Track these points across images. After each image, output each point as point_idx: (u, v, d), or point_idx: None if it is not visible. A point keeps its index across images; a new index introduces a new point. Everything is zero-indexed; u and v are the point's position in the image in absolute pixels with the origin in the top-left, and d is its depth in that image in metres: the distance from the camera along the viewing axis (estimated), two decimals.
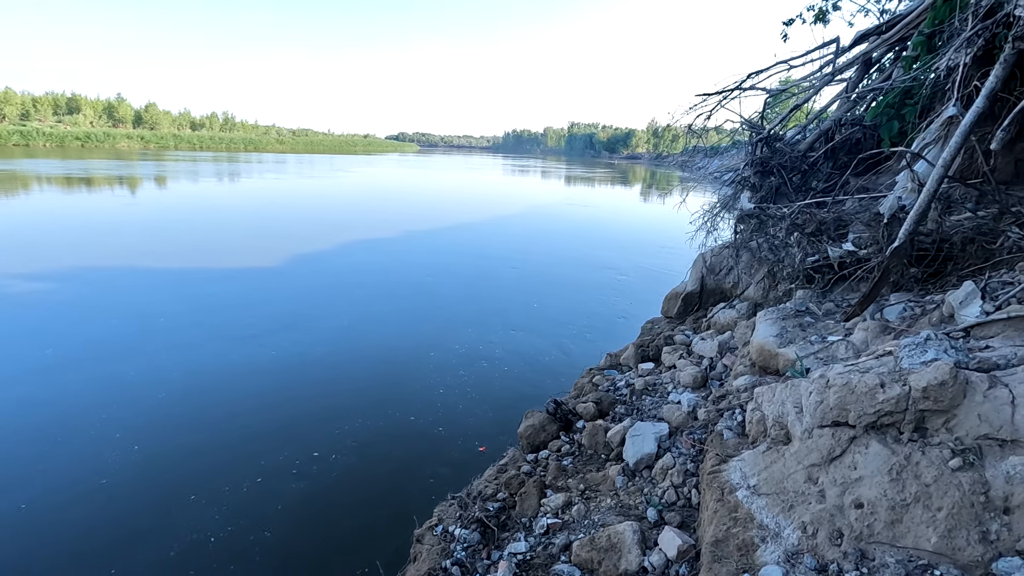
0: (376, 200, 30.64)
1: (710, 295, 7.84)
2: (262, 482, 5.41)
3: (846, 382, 2.57)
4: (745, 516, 2.58)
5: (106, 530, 4.66)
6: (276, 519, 4.94)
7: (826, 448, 2.58)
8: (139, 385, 7.11)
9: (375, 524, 4.95)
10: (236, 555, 4.52)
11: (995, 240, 3.99)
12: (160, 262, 13.37)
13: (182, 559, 4.43)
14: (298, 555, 4.59)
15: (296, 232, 18.44)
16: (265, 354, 8.34)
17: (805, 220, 5.66)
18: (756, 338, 4.69)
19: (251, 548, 4.60)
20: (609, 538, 3.08)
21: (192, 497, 5.12)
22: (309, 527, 4.89)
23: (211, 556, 4.50)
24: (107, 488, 5.15)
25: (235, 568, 4.41)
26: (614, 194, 41.87)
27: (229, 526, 4.81)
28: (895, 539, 2.12)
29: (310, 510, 5.10)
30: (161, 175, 37.90)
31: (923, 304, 4.02)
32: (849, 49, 7.20)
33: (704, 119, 8.68)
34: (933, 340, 2.69)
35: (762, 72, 7.92)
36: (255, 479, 5.44)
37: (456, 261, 15.28)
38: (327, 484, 5.46)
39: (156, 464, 5.55)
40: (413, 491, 5.42)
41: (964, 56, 4.39)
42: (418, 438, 6.39)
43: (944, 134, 4.39)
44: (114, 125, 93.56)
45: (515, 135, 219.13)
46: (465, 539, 3.66)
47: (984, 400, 2.25)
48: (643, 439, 4.06)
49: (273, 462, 5.72)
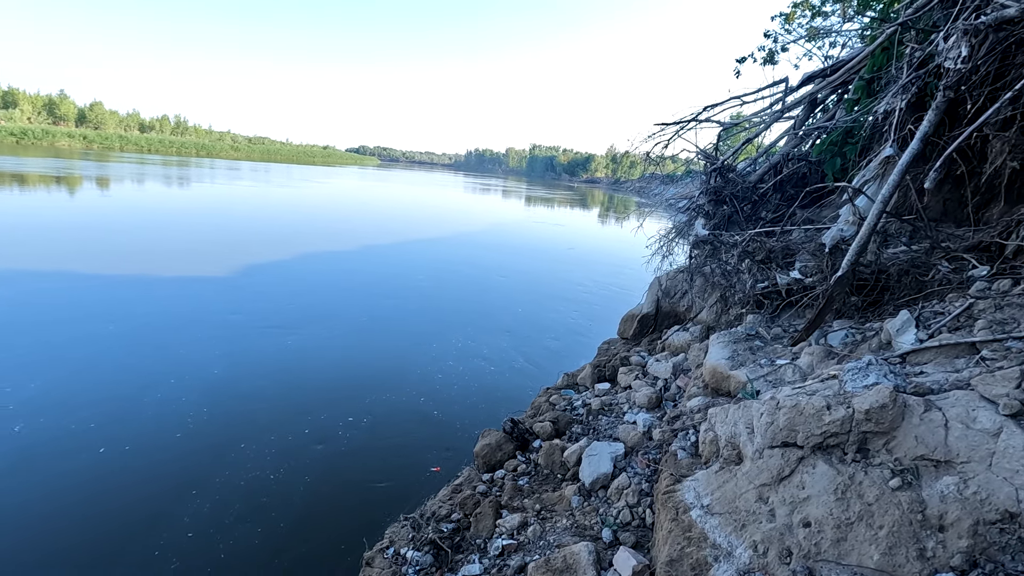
0: (354, 212, 30.42)
1: (665, 317, 8.03)
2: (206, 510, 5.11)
3: (795, 404, 2.67)
4: (699, 535, 2.62)
5: (175, 468, 5.60)
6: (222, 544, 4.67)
7: (776, 468, 2.66)
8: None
9: (322, 547, 4.74)
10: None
11: (927, 272, 4.26)
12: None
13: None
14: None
15: (286, 239, 18.87)
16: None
17: (756, 248, 5.91)
18: (709, 360, 4.83)
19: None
20: (564, 559, 3.06)
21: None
22: (254, 552, 4.63)
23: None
24: (182, 439, 6.12)
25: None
26: (575, 216, 42.61)
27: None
28: (840, 556, 2.19)
29: (257, 531, 4.84)
30: (105, 176, 36.02)
31: (863, 331, 4.24)
32: (797, 89, 7.65)
33: (662, 147, 8.99)
34: (874, 365, 2.83)
35: (717, 106, 8.29)
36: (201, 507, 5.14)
37: (408, 284, 15.07)
38: (276, 503, 5.21)
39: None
40: (363, 512, 5.23)
41: (900, 101, 4.73)
42: (368, 458, 6.20)
43: (882, 172, 4.70)
44: (55, 122, 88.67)
45: (477, 154, 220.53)
46: (418, 562, 3.56)
47: (920, 423, 2.38)
48: (599, 459, 4.08)
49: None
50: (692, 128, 8.81)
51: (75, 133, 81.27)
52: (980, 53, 3.57)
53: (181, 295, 11.23)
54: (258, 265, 14.59)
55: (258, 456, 5.91)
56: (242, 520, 4.93)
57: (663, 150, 9.12)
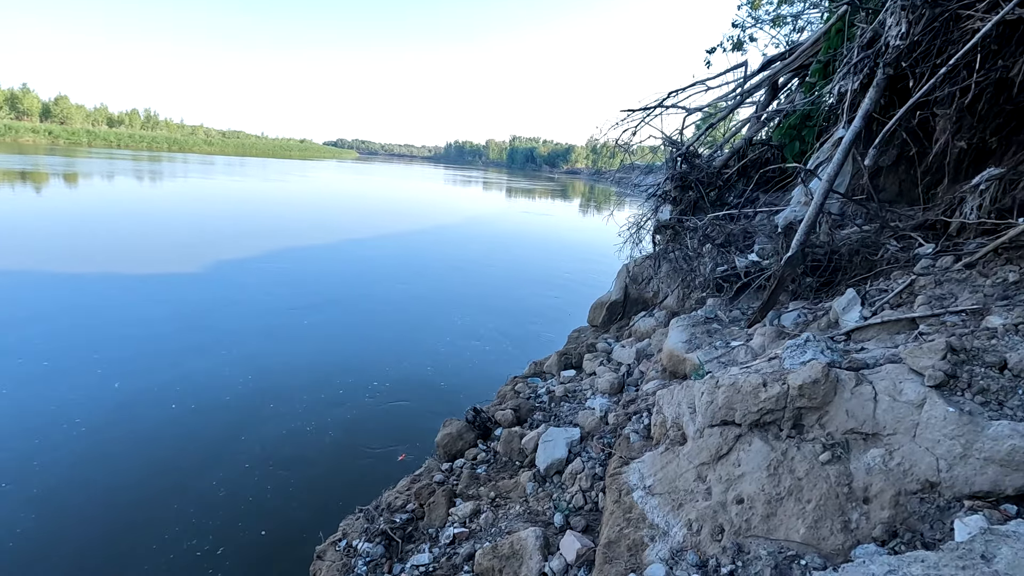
0: (347, 205, 30.64)
1: (633, 304, 8.05)
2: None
3: (733, 382, 2.67)
4: (638, 516, 2.61)
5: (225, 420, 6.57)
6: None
7: (715, 447, 2.65)
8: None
9: (276, 540, 4.67)
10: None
11: (877, 252, 4.31)
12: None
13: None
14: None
15: (290, 231, 19.61)
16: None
17: (716, 232, 5.93)
18: (667, 344, 4.83)
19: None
20: (511, 545, 3.03)
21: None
22: (209, 541, 4.54)
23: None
24: (229, 401, 7.07)
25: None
26: (556, 207, 42.63)
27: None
28: (769, 532, 2.19)
29: (210, 524, 4.75)
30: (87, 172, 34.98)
31: (815, 311, 4.27)
32: (757, 73, 7.67)
33: (630, 134, 8.97)
34: (812, 341, 2.84)
35: (681, 91, 8.29)
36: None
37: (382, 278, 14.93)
38: (221, 514, 5.10)
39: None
40: (319, 505, 5.16)
41: (852, 82, 4.76)
42: (329, 451, 6.12)
43: (834, 154, 4.72)
44: (17, 117, 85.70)
45: (457, 146, 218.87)
46: (368, 553, 3.51)
47: (851, 397, 2.39)
48: (554, 445, 4.06)
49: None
50: (659, 114, 8.79)
51: (40, 128, 78.80)
52: (918, 29, 3.59)
53: (212, 282, 12.21)
54: (274, 253, 15.43)
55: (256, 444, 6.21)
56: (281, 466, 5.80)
57: (631, 137, 9.10)
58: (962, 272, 3.37)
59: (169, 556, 4.47)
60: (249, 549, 4.58)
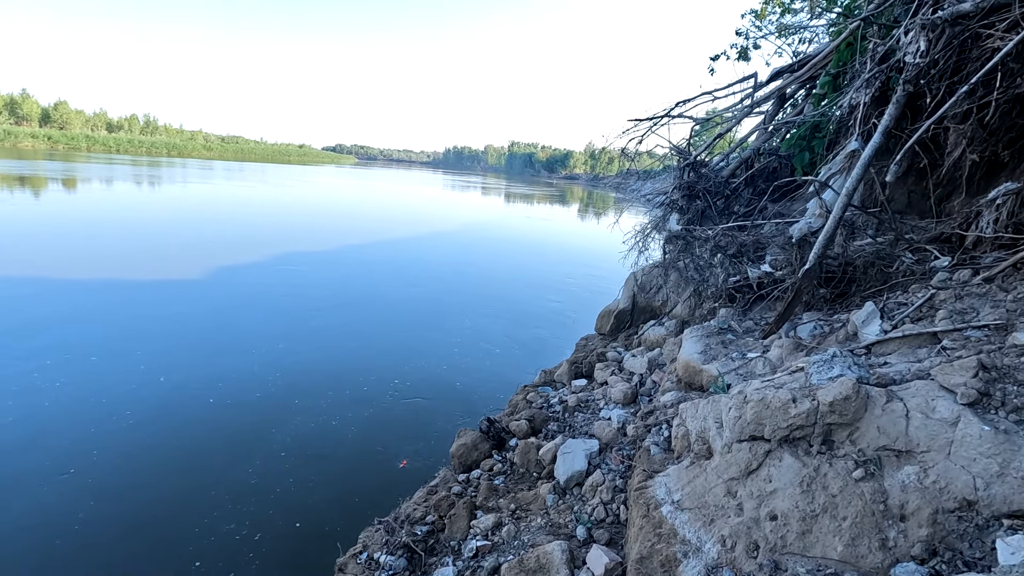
0: (350, 211, 30.65)
1: (641, 313, 8.07)
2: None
3: (761, 398, 2.68)
4: (669, 531, 2.62)
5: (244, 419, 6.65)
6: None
7: (744, 462, 2.67)
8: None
9: (296, 554, 4.66)
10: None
11: (892, 264, 4.34)
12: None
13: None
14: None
15: (302, 236, 19.82)
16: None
17: (727, 242, 5.96)
18: (682, 355, 4.85)
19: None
20: (538, 559, 3.04)
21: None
22: (230, 556, 4.53)
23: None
24: (260, 398, 7.24)
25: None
26: (556, 212, 42.76)
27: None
28: (805, 549, 2.21)
29: (231, 535, 4.74)
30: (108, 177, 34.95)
31: (831, 323, 4.30)
32: (766, 84, 7.73)
33: (636, 143, 9.03)
34: (839, 357, 2.86)
35: (689, 101, 8.35)
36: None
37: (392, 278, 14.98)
38: (254, 502, 5.12)
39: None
40: (335, 516, 5.16)
41: (864, 96, 4.80)
42: (343, 461, 6.12)
43: (848, 165, 4.76)
44: (17, 123, 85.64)
45: (456, 151, 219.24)
46: (391, 566, 3.51)
47: (882, 413, 2.41)
48: (574, 456, 4.07)
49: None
50: (666, 124, 8.85)
51: (39, 134, 78.61)
52: (937, 47, 3.64)
53: (234, 284, 12.42)
54: (288, 256, 15.68)
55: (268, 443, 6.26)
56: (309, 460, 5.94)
57: (637, 145, 9.16)
58: (982, 286, 3.40)
59: (211, 538, 4.62)
60: (284, 540, 4.72)
